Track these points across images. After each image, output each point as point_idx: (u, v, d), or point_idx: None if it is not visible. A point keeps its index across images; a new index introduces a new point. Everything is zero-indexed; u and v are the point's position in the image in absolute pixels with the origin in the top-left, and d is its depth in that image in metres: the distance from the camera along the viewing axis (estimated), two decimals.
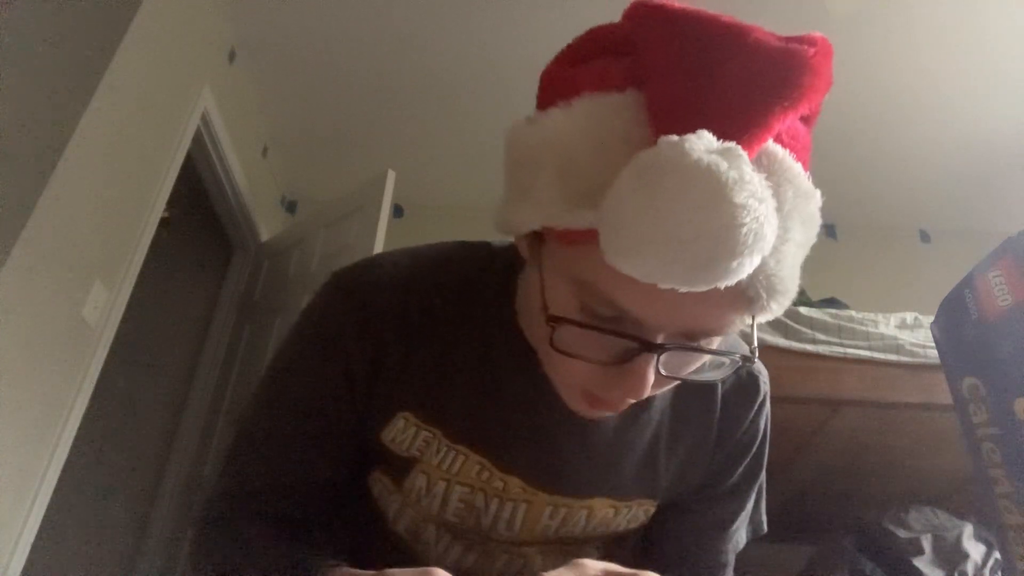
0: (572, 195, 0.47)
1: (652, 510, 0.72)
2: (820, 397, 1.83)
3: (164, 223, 2.33)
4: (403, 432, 0.66)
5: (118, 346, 2.04)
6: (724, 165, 0.40)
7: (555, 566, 0.66)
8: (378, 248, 2.51)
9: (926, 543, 1.99)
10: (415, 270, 0.67)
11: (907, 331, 1.91)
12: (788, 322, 1.88)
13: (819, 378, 1.82)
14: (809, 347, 1.84)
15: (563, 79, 0.52)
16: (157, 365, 3.08)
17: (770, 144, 0.46)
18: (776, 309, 0.50)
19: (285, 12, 2.60)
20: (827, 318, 1.90)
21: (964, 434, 0.99)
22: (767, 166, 0.45)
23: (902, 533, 2.04)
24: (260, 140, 3.16)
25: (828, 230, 3.50)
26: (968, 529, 2.02)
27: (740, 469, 0.73)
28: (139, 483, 2.79)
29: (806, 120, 0.50)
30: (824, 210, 0.51)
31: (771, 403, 0.74)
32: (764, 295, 0.47)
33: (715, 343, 0.52)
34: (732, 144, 0.42)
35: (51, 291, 1.73)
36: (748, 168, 0.41)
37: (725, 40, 0.47)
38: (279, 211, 3.48)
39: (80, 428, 1.87)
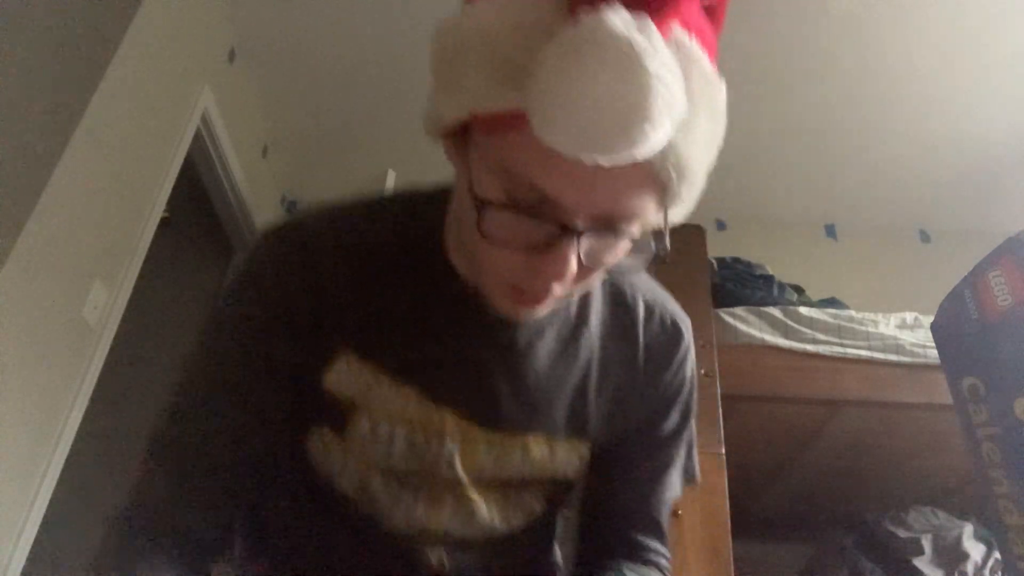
0: (498, 79, 0.49)
1: (586, 454, 0.74)
2: (820, 397, 1.83)
3: (164, 223, 2.33)
4: (346, 372, 0.66)
5: (118, 346, 2.04)
6: (639, 36, 0.43)
7: (500, 511, 0.70)
8: None
9: (926, 543, 1.99)
10: (347, 217, 0.70)
11: (907, 331, 1.91)
12: (788, 322, 1.88)
13: (819, 378, 1.82)
14: (809, 347, 1.84)
15: None
16: (157, 365, 3.08)
17: (677, 30, 0.49)
18: (686, 196, 0.54)
19: (285, 12, 2.60)
20: (827, 318, 1.90)
21: (964, 434, 0.99)
22: (675, 49, 0.48)
23: (902, 533, 2.04)
24: (260, 140, 3.16)
25: (828, 230, 3.50)
26: (968, 529, 2.02)
27: (672, 415, 0.76)
28: None
29: (711, 15, 0.54)
30: (824, 210, 0.52)
31: (771, 403, 0.75)
32: (674, 176, 0.50)
33: (633, 231, 0.55)
34: (646, 19, 0.45)
35: (51, 291, 1.73)
36: (660, 41, 0.44)
37: None
38: (279, 211, 3.48)
39: (80, 428, 1.87)
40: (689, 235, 1.92)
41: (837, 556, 2.15)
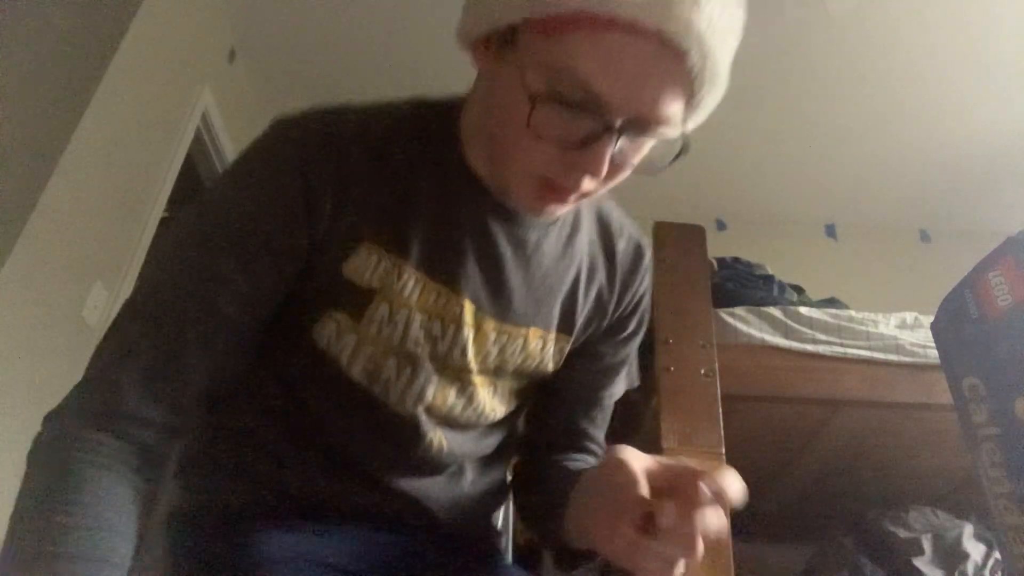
0: None
1: (566, 349, 0.81)
2: (820, 397, 1.83)
3: (164, 223, 2.33)
4: (366, 261, 0.69)
5: None
6: None
7: (491, 399, 0.78)
8: None
9: (926, 543, 1.99)
10: (369, 113, 0.72)
11: (907, 331, 1.91)
12: (788, 322, 1.88)
13: (819, 378, 1.82)
14: (809, 347, 1.84)
15: None
16: None
17: None
18: (709, 102, 0.61)
19: (285, 12, 2.61)
20: (827, 318, 1.90)
21: (964, 434, 0.99)
22: None
23: (902, 533, 2.04)
24: None
25: (828, 230, 3.50)
26: (968, 529, 2.02)
27: (634, 322, 0.86)
28: None
29: None
30: (824, 210, 0.52)
31: (771, 403, 0.76)
32: (706, 79, 0.57)
33: (663, 134, 0.61)
34: None
35: (51, 291, 1.73)
36: None
37: None
38: None
39: None
40: (689, 235, 1.92)
41: (837, 556, 2.14)
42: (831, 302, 2.20)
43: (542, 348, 0.79)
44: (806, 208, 3.40)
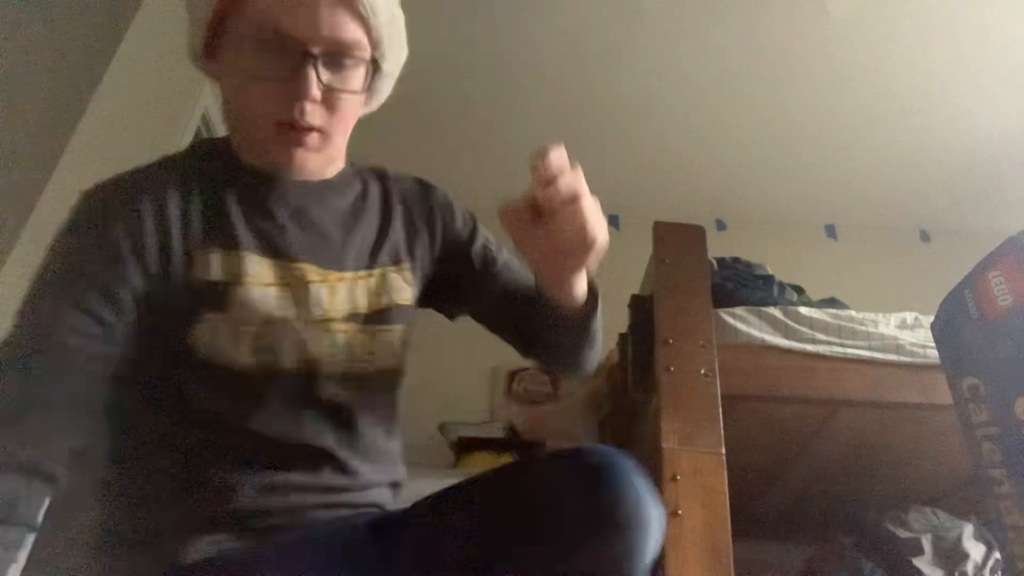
0: None
1: (411, 279, 0.94)
2: (820, 397, 1.83)
3: None
4: (208, 261, 0.80)
5: None
6: None
7: (365, 345, 0.87)
8: None
9: (926, 543, 1.99)
10: (155, 161, 0.88)
11: (907, 331, 1.91)
12: (788, 322, 1.88)
13: (819, 378, 1.82)
14: (809, 347, 1.84)
15: None
16: None
17: None
18: (387, 32, 0.85)
19: None
20: (827, 318, 1.90)
21: (964, 434, 0.99)
22: None
23: (902, 533, 2.04)
24: None
25: (828, 230, 3.50)
26: (968, 529, 2.02)
27: (459, 221, 1.02)
28: None
29: None
30: (824, 210, 0.52)
31: (771, 403, 0.76)
32: (363, 4, 0.79)
33: (357, 71, 0.83)
34: None
35: None
36: None
37: None
38: None
39: None
40: (689, 235, 1.92)
41: (837, 556, 2.14)
42: (831, 302, 2.20)
43: (386, 286, 0.91)
44: (806, 208, 3.40)
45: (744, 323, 1.89)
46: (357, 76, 0.82)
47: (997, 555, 1.96)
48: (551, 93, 2.87)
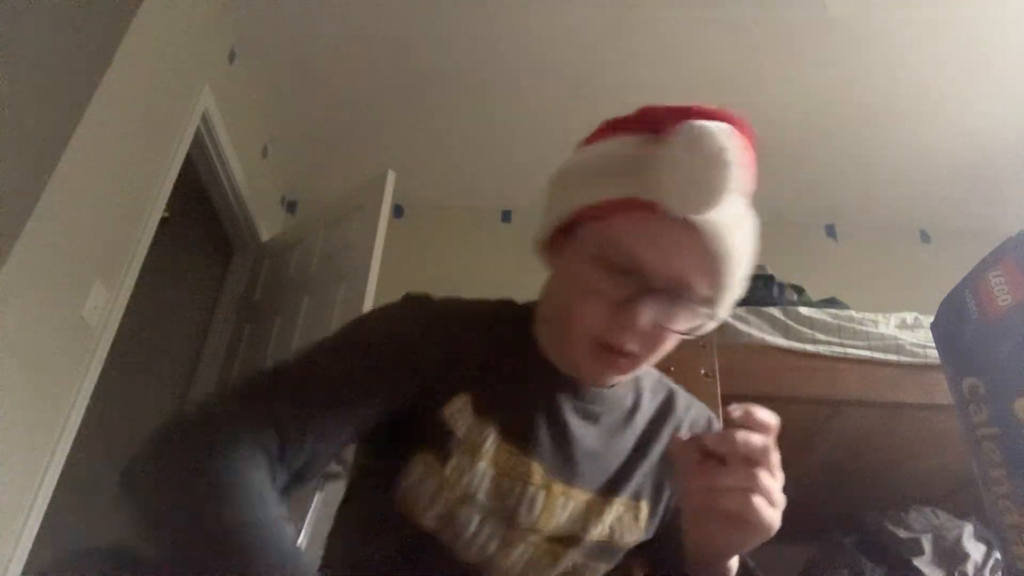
0: (603, 180, 0.75)
1: (644, 519, 0.87)
2: (820, 397, 1.83)
3: (164, 223, 2.33)
4: (461, 411, 0.80)
5: (118, 346, 2.04)
6: (726, 136, 0.71)
7: (548, 566, 0.82)
8: (378, 248, 2.51)
9: (926, 543, 1.99)
10: (473, 302, 0.90)
11: (907, 331, 1.91)
12: (788, 322, 1.88)
13: (819, 378, 1.82)
14: (809, 347, 1.84)
15: (593, 134, 0.81)
16: (157, 365, 3.08)
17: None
18: (730, 282, 0.77)
19: (285, 12, 2.61)
20: (827, 318, 1.90)
21: (964, 434, 0.98)
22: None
23: (902, 533, 2.04)
24: (260, 140, 3.16)
25: (828, 230, 3.50)
26: (968, 529, 2.02)
27: None
28: None
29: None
30: (824, 210, 0.52)
31: (771, 403, 0.76)
32: (722, 256, 0.75)
33: (691, 304, 0.76)
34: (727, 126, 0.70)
35: (51, 291, 1.73)
36: (735, 140, 0.71)
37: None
38: (279, 211, 3.48)
39: (80, 428, 1.87)
40: None
41: (837, 556, 2.14)
42: (831, 302, 2.20)
43: (618, 517, 0.85)
44: (806, 208, 3.40)
45: (744, 323, 1.89)
46: (687, 317, 0.78)
47: (997, 555, 1.96)
48: (551, 93, 2.87)
